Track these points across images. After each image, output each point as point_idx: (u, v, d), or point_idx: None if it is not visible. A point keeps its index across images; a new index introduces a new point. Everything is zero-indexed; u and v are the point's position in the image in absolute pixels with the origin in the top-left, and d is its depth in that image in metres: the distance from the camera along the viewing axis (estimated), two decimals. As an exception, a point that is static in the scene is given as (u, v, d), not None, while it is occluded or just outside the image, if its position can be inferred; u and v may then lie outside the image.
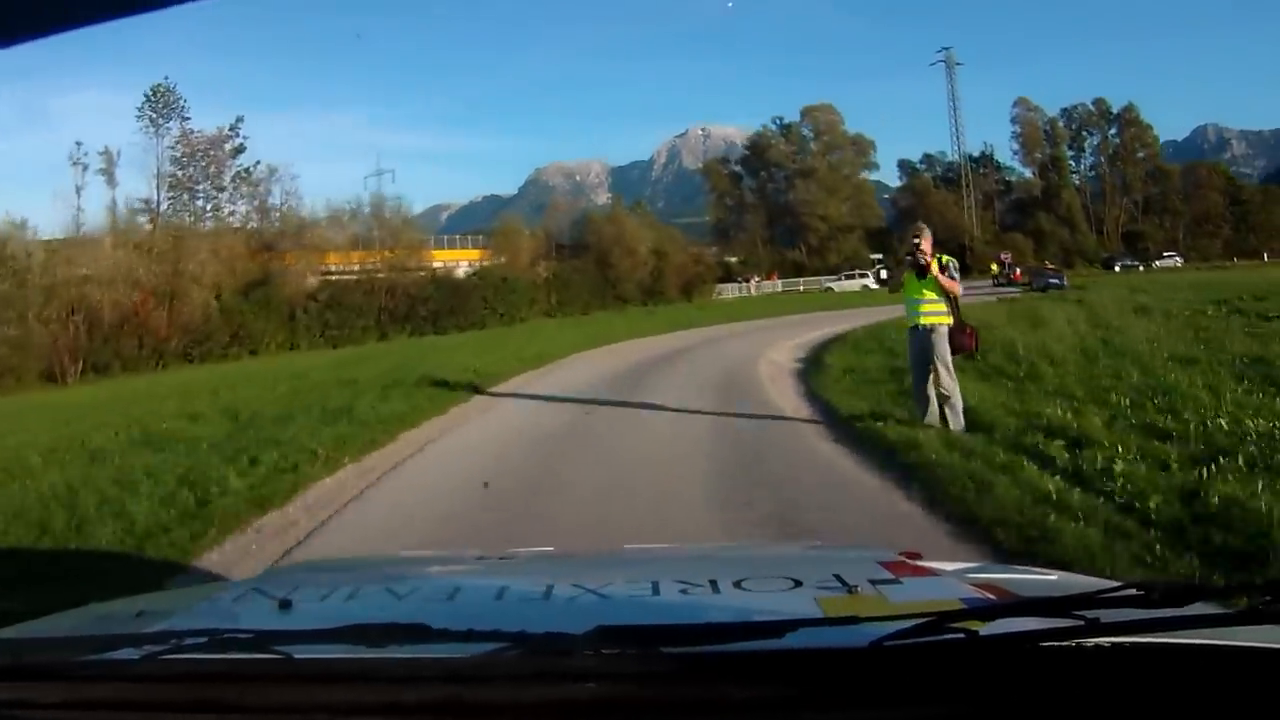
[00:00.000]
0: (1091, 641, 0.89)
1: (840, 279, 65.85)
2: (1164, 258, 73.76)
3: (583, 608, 1.32)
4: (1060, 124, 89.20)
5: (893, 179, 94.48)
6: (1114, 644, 0.88)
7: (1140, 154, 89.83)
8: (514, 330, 37.08)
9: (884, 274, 67.84)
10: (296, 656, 0.96)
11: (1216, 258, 79.58)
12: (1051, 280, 43.95)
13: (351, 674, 0.95)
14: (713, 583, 1.42)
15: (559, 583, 1.47)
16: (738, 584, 1.41)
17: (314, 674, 0.96)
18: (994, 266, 61.82)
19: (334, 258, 47.17)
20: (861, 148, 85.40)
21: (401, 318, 44.86)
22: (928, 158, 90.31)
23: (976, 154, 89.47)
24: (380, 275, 45.79)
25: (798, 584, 1.38)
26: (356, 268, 46.51)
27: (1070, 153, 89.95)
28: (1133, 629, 0.89)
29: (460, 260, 56.81)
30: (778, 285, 73.33)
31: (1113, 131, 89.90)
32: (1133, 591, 0.98)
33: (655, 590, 1.40)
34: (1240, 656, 0.89)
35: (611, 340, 24.96)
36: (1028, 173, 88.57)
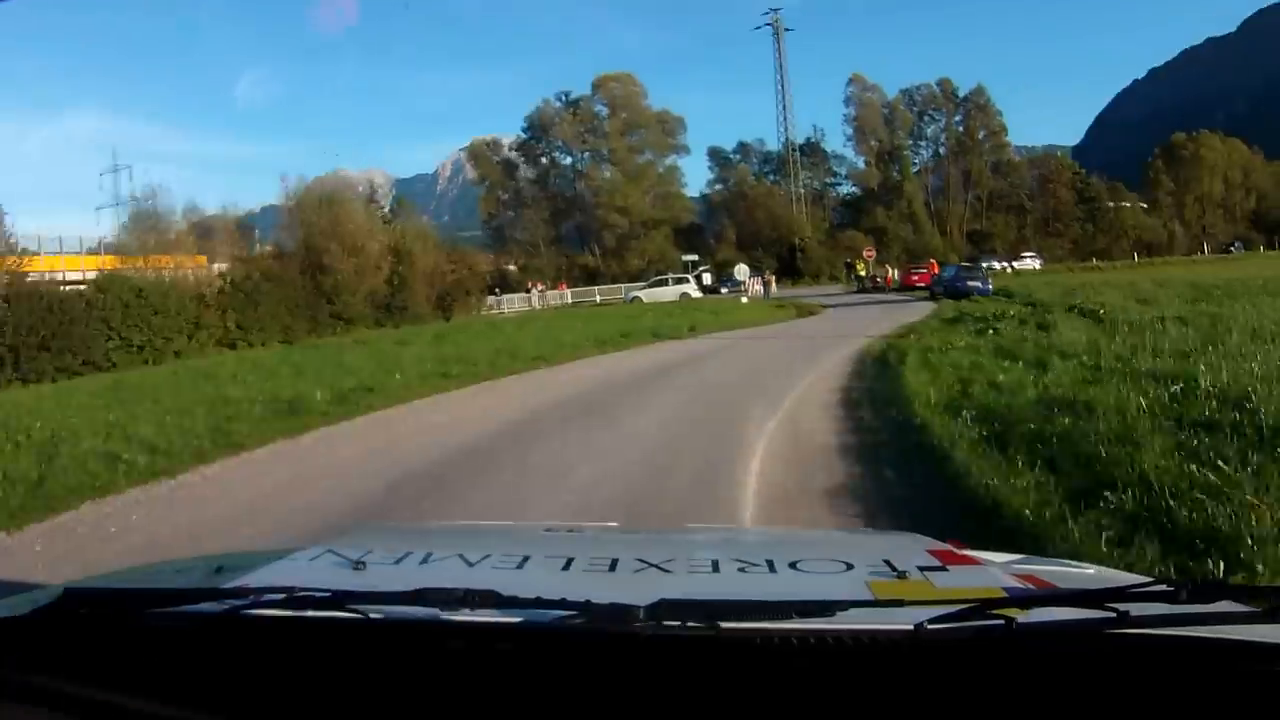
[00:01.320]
0: (1121, 633, 0.93)
1: (649, 286, 49.17)
2: (1022, 259, 61.95)
3: (645, 581, 1.35)
4: (902, 106, 76.79)
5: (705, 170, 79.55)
6: (1142, 636, 0.92)
7: (988, 143, 78.74)
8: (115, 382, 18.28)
9: (708, 278, 53.44)
10: (372, 616, 1.01)
11: (1067, 259, 69.15)
12: (970, 283, 32.16)
13: (424, 635, 1.00)
14: (769, 563, 1.46)
15: (623, 557, 1.51)
16: (793, 565, 1.45)
17: (388, 633, 1.00)
18: (860, 266, 48.68)
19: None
20: (669, 127, 70.22)
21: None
22: (743, 146, 76.27)
23: (803, 141, 76.12)
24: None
25: (849, 567, 1.41)
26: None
27: (909, 141, 77.79)
28: (1160, 623, 0.93)
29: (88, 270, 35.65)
30: (566, 296, 56.95)
31: (958, 118, 78.39)
32: (1162, 588, 1.02)
33: (715, 568, 1.45)
34: (1262, 653, 0.93)
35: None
36: (862, 163, 75.79)
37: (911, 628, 0.94)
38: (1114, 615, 0.95)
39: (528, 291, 56.18)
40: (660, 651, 0.93)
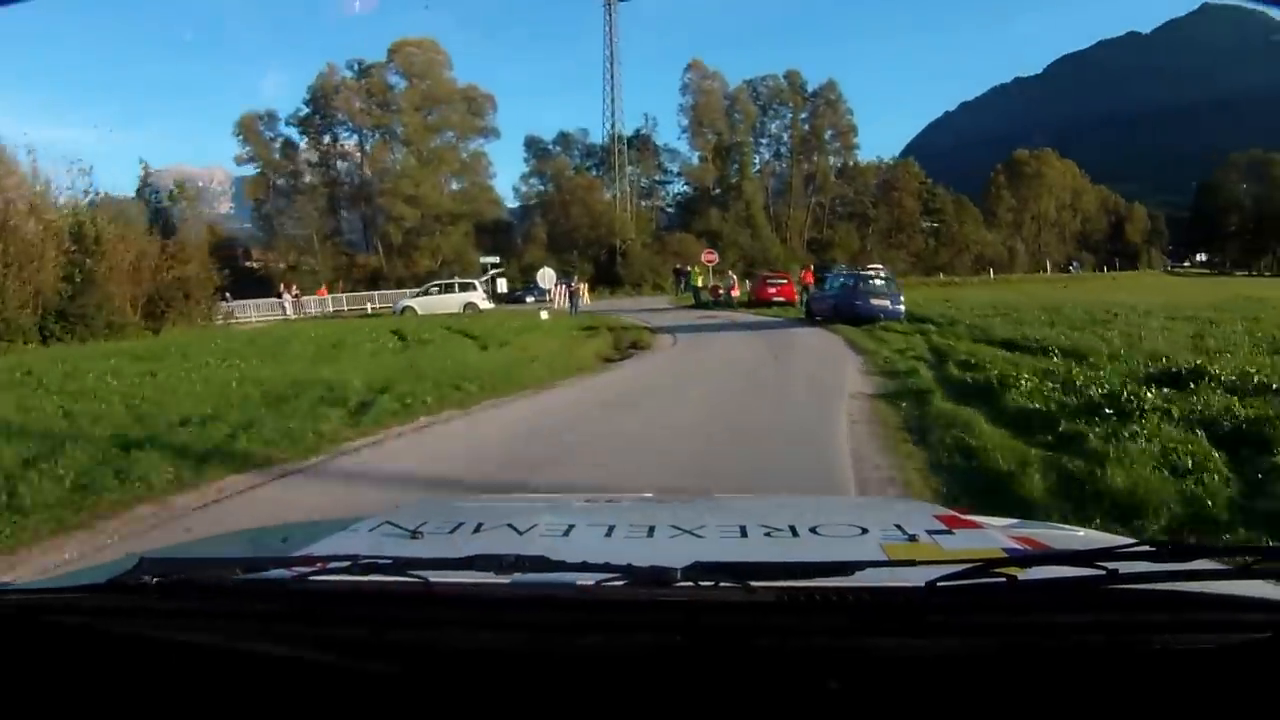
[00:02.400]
0: (1110, 588, 1.01)
1: (425, 294, 39.10)
2: (868, 270, 55.95)
3: (680, 546, 1.49)
4: (745, 98, 69.79)
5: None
6: (1128, 591, 1.01)
7: (835, 144, 73.12)
8: None
9: (504, 284, 44.46)
10: (433, 580, 1.07)
11: (910, 272, 64.45)
12: (875, 301, 23.10)
13: (483, 598, 1.07)
14: (792, 528, 1.58)
15: (659, 524, 1.65)
16: (813, 530, 1.58)
17: (449, 597, 1.07)
18: (697, 274, 39.34)
19: None
20: (476, 105, 60.51)
21: None
22: (564, 136, 67.54)
23: (632, 133, 67.98)
24: None
25: (864, 531, 1.55)
26: None
27: (751, 138, 71.06)
28: (1145, 579, 1.01)
29: None
30: (328, 302, 46.68)
31: (804, 115, 72.23)
32: (1147, 548, 1.12)
33: (743, 533, 1.58)
34: (1235, 605, 1.01)
35: None
36: (697, 158, 68.40)
37: (923, 585, 1.02)
38: (1104, 573, 1.03)
39: (279, 296, 45.70)
40: (696, 608, 1.01)
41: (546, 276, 38.68)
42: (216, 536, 2.07)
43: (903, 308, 22.43)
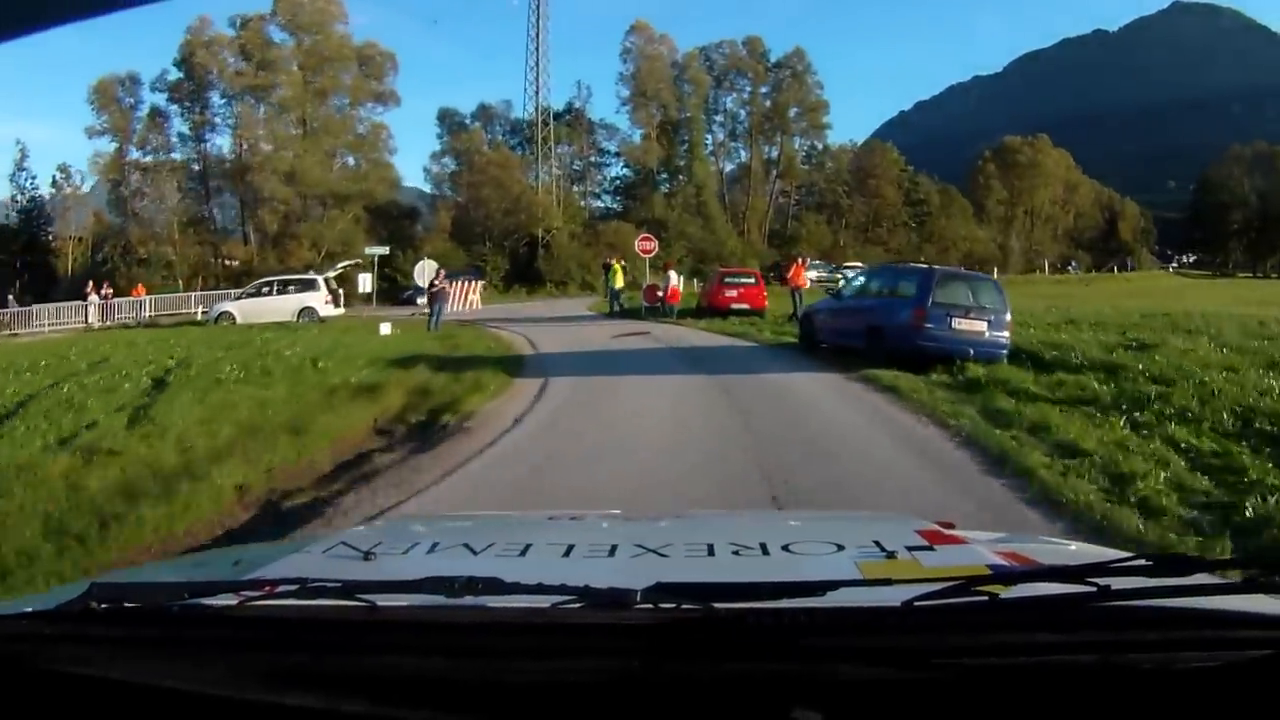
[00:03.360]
0: (1101, 605, 0.97)
1: (251, 296, 29.33)
2: (848, 270, 46.22)
3: (643, 566, 1.42)
4: (698, 66, 60.41)
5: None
6: (1122, 608, 0.96)
7: (802, 123, 63.97)
8: None
9: (368, 283, 35.75)
10: (380, 605, 1.03)
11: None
12: (965, 325, 11.91)
13: (431, 622, 1.03)
14: (763, 545, 1.53)
15: (622, 542, 1.60)
16: (785, 547, 1.54)
17: (396, 621, 1.03)
18: (616, 270, 29.06)
19: None
20: (374, 66, 50.62)
21: None
22: (485, 110, 57.80)
23: (563, 107, 58.27)
24: None
25: (840, 548, 1.47)
26: None
27: (703, 115, 61.73)
28: (1139, 595, 0.96)
29: None
30: (145, 305, 36.79)
31: (765, 89, 63.07)
32: (1141, 562, 1.07)
33: (710, 551, 1.52)
34: (1235, 622, 0.96)
35: None
36: (638, 135, 58.81)
37: (899, 605, 0.98)
38: (1094, 589, 0.98)
39: (85, 298, 35.64)
40: (655, 632, 0.96)
41: (425, 270, 28.89)
42: (174, 560, 2.20)
43: (1007, 337, 12.06)
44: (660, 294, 25.99)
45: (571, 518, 2.45)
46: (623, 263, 33.60)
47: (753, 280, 25.98)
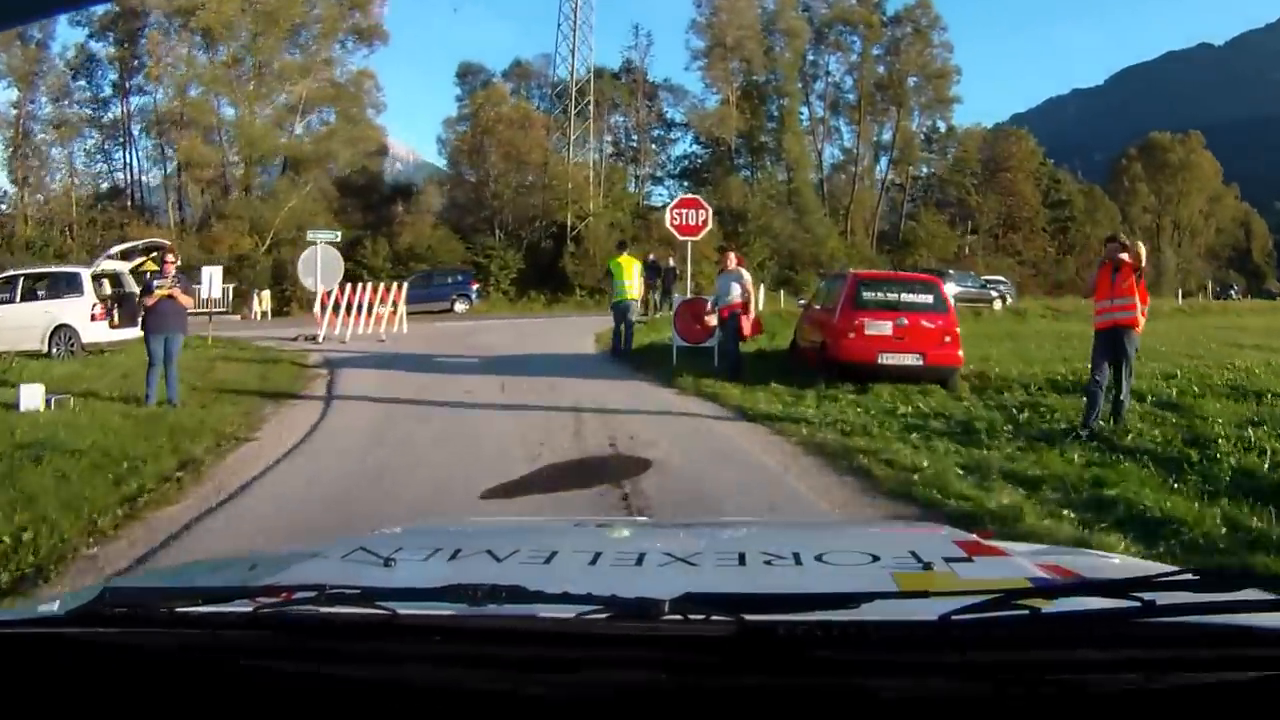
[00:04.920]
0: (1147, 621, 0.94)
1: None
2: (991, 286, 31.12)
3: (672, 575, 1.39)
4: (796, 15, 45.94)
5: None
6: (1168, 624, 0.93)
7: (924, 96, 49.12)
8: None
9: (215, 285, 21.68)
10: (400, 612, 1.01)
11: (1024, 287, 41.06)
12: None
13: (452, 630, 1.00)
14: (795, 555, 1.47)
15: (650, 551, 1.55)
16: (819, 557, 1.46)
17: (417, 629, 1.00)
18: (620, 265, 14.57)
19: None
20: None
21: None
22: (519, 67, 44.41)
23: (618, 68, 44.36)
24: None
25: (875, 559, 1.43)
26: None
27: (798, 80, 47.10)
28: (1186, 610, 0.93)
29: None
30: None
31: (878, 50, 48.32)
32: (1189, 576, 1.03)
33: (741, 561, 1.47)
34: None
35: None
36: (714, 100, 44.50)
37: (936, 618, 0.94)
38: (1139, 604, 0.95)
39: None
40: (685, 644, 0.94)
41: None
42: (186, 565, 2.02)
43: None
44: (711, 316, 12.06)
45: (598, 524, 2.45)
46: (652, 258, 20.04)
47: (930, 299, 11.25)
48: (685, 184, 43.98)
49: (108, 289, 14.57)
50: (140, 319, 9.75)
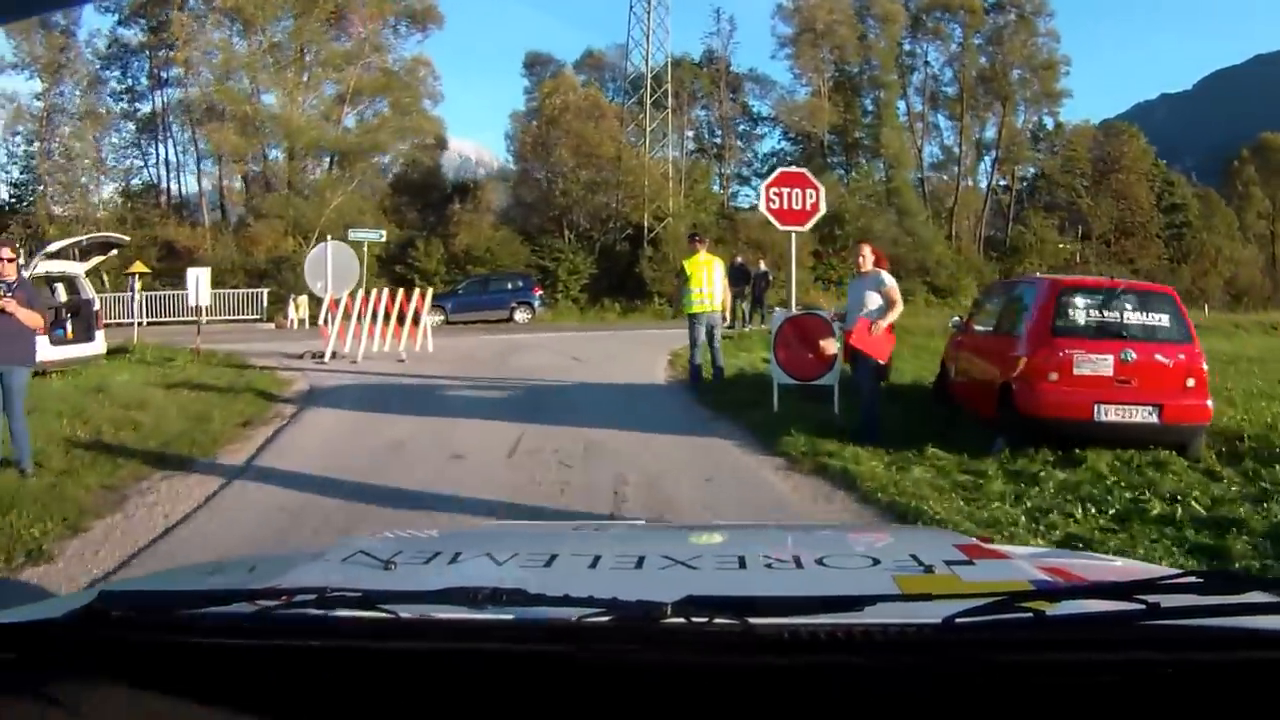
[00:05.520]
0: (1151, 624, 0.93)
1: None
2: None
3: (672, 578, 1.37)
4: (895, 3, 41.36)
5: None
6: (1172, 627, 0.93)
7: (1030, 89, 44.02)
8: None
9: (203, 292, 18.13)
10: (401, 615, 1.01)
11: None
12: None
13: (453, 633, 1.00)
14: (796, 559, 1.49)
15: (650, 554, 1.51)
16: (820, 561, 1.47)
17: (418, 632, 1.00)
18: (690, 269, 10.94)
19: None
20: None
21: None
22: (590, 56, 40.70)
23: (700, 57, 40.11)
24: None
25: (876, 562, 1.44)
26: None
27: (894, 71, 42.40)
28: (1191, 614, 0.92)
29: None
30: None
31: (979, 39, 43.40)
32: (1192, 579, 1.02)
33: (742, 564, 1.47)
34: None
35: None
36: (804, 92, 40.00)
37: (939, 621, 0.94)
38: (1143, 607, 0.94)
39: None
40: (686, 647, 0.94)
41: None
42: (183, 568, 1.95)
43: None
44: (833, 347, 8.35)
45: (596, 527, 2.49)
46: (740, 261, 20.34)
47: (1164, 320, 7.37)
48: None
49: (63, 295, 11.79)
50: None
